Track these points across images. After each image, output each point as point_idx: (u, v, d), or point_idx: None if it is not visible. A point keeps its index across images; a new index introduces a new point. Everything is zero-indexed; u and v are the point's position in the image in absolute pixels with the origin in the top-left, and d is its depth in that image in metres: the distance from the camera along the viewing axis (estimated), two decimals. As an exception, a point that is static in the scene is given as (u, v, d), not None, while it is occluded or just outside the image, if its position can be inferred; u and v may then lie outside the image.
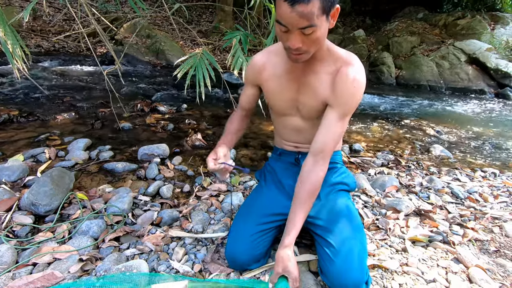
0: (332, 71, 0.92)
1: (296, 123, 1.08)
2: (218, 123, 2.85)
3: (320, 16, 0.74)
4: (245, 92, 1.14)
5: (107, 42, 2.40)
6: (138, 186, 1.66)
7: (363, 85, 0.91)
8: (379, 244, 1.25)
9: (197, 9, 8.63)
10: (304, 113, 1.04)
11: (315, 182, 0.94)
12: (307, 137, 1.09)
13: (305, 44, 0.79)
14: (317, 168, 0.95)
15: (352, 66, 0.90)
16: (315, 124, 1.03)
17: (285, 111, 1.07)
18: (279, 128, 1.18)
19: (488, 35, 6.30)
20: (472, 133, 3.21)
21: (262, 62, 1.03)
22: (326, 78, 0.93)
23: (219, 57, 6.32)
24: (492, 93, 5.44)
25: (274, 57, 1.02)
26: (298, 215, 0.93)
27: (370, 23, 9.16)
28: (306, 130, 1.08)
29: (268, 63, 1.03)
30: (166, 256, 1.12)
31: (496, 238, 1.34)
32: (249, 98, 1.14)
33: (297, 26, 0.75)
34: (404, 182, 1.89)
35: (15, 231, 1.22)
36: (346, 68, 0.90)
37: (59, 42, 5.92)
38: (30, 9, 1.54)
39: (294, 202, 0.95)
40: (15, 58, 1.55)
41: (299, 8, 0.71)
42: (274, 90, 1.04)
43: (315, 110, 1.00)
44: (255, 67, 1.05)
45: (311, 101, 0.99)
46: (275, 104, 1.08)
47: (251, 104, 1.16)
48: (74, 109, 2.84)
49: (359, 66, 0.91)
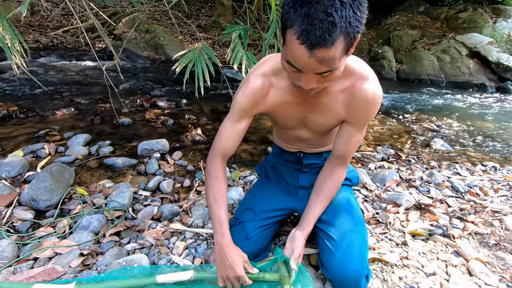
0: (346, 87, 0.82)
1: (302, 134, 1.02)
2: (218, 118, 2.84)
3: (342, 57, 0.63)
4: (234, 130, 0.90)
5: (105, 37, 2.38)
6: (138, 181, 1.66)
7: (381, 99, 0.84)
8: (379, 238, 1.25)
9: (196, 4, 8.55)
10: (314, 128, 0.98)
11: (336, 183, 0.97)
12: (312, 143, 1.08)
13: (320, 83, 0.69)
14: (339, 172, 0.97)
15: (368, 81, 0.80)
16: (323, 135, 1.03)
17: (292, 127, 1.00)
18: (282, 136, 1.12)
19: (489, 28, 6.25)
20: (473, 127, 3.20)
21: (263, 85, 0.86)
22: (340, 96, 0.84)
23: (218, 52, 6.28)
24: (493, 87, 5.41)
25: (274, 79, 0.87)
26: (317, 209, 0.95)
27: (371, 16, 9.08)
28: (312, 139, 1.05)
29: (270, 86, 0.87)
30: (166, 251, 1.12)
31: (496, 231, 1.34)
32: (238, 137, 0.92)
33: (315, 71, 0.64)
34: (404, 176, 1.89)
35: (15, 226, 1.23)
36: (362, 84, 0.80)
37: (57, 37, 5.87)
38: (28, 4, 1.53)
39: (316, 196, 0.97)
40: (13, 53, 1.53)
41: (319, 54, 0.59)
42: (281, 113, 0.93)
43: (326, 126, 0.95)
44: (256, 92, 0.86)
45: (323, 119, 0.92)
46: (279, 122, 0.99)
47: (236, 145, 0.94)
48: (73, 104, 2.83)
49: (375, 79, 0.81)
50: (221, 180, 0.91)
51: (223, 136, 0.91)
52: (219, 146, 0.92)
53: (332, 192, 0.98)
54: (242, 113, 0.89)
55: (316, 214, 0.95)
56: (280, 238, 1.21)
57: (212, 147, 0.94)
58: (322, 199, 0.96)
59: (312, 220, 0.95)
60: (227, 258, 0.83)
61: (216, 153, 0.92)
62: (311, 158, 1.11)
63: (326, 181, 0.98)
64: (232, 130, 0.90)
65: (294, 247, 0.91)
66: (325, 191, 0.97)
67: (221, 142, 0.92)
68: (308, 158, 1.11)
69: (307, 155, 1.11)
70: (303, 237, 0.93)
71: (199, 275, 0.89)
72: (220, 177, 0.91)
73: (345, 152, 0.93)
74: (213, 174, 0.91)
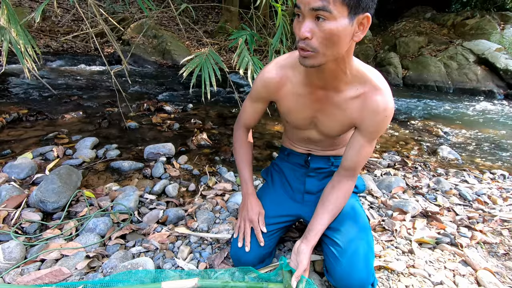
0: (359, 94, 0.85)
1: (312, 135, 1.04)
2: (224, 123, 2.85)
3: (339, 4, 0.65)
4: (253, 108, 1.04)
5: (114, 42, 2.42)
6: (144, 184, 1.68)
7: (392, 112, 0.85)
8: (385, 245, 1.24)
9: (203, 10, 8.67)
10: (323, 130, 0.99)
11: (344, 194, 0.97)
12: (321, 145, 1.08)
13: (315, 36, 0.69)
14: (348, 184, 0.97)
15: (381, 93, 0.83)
16: (333, 138, 1.03)
17: (302, 127, 1.02)
18: (291, 136, 1.13)
19: (497, 35, 6.20)
20: (481, 134, 3.16)
21: (279, 77, 0.92)
22: (352, 102, 0.86)
23: (224, 57, 6.34)
24: (501, 94, 5.35)
25: (292, 72, 0.91)
26: (324, 220, 0.95)
27: (377, 22, 9.09)
28: (322, 141, 1.05)
29: (286, 78, 0.92)
30: (171, 254, 1.13)
31: (505, 241, 1.32)
32: (257, 114, 1.06)
33: (309, 5, 0.66)
34: (410, 183, 1.87)
35: (23, 228, 1.24)
36: (375, 96, 0.83)
37: (67, 42, 5.99)
38: (41, 10, 1.57)
39: (323, 208, 0.97)
40: (25, 58, 1.57)
41: None
42: (293, 107, 0.96)
43: (335, 130, 0.96)
44: (271, 83, 0.93)
45: (333, 122, 0.94)
46: (291, 120, 1.01)
47: (257, 120, 1.08)
48: (81, 108, 2.87)
49: (388, 92, 0.84)
50: (245, 145, 1.09)
51: (244, 112, 1.08)
52: (241, 118, 1.09)
53: (340, 204, 0.97)
54: (258, 97, 1.01)
55: (322, 226, 0.95)
56: (285, 244, 1.21)
57: (237, 119, 1.12)
58: (329, 211, 0.96)
59: (319, 233, 0.94)
60: (248, 204, 1.05)
61: (239, 125, 1.11)
62: (319, 162, 1.11)
63: (333, 192, 0.97)
64: (251, 108, 1.05)
65: (299, 261, 0.90)
66: (333, 202, 0.96)
67: (243, 116, 1.08)
68: (316, 161, 1.11)
69: (315, 158, 1.11)
70: (309, 250, 0.92)
71: (203, 283, 0.89)
72: (244, 142, 1.09)
73: (354, 164, 0.94)
74: (237, 140, 1.10)
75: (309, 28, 0.68)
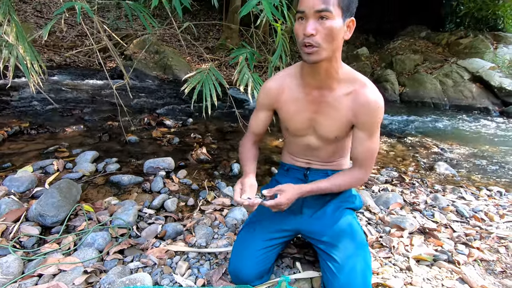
0: (351, 91, 0.96)
1: (311, 142, 1.10)
2: (223, 138, 2.88)
3: (337, 6, 0.81)
4: (258, 117, 1.14)
5: (117, 58, 2.48)
6: (143, 199, 1.68)
7: (383, 102, 0.96)
8: (383, 262, 1.24)
9: (205, 27, 8.89)
10: (321, 133, 1.05)
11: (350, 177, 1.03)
12: (320, 155, 1.12)
13: (319, 33, 0.83)
14: (357, 172, 1.04)
15: (370, 88, 0.95)
16: (330, 144, 1.07)
17: (301, 132, 1.09)
18: (291, 147, 1.19)
19: (491, 54, 6.36)
20: (477, 151, 3.20)
21: (278, 85, 1.05)
22: (345, 99, 0.97)
23: (225, 73, 6.45)
24: (497, 111, 5.44)
25: (289, 79, 1.04)
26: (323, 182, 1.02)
27: (374, 41, 9.33)
28: (320, 149, 1.10)
29: (284, 86, 1.04)
30: (169, 270, 1.12)
31: (502, 258, 1.32)
32: (263, 122, 1.14)
33: (314, 8, 0.81)
34: (408, 199, 1.88)
35: (22, 242, 1.24)
36: (364, 91, 0.95)
37: (70, 56, 6.11)
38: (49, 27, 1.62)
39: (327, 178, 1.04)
40: (31, 73, 1.61)
41: None
42: (292, 112, 1.05)
43: (333, 130, 1.03)
44: (271, 92, 1.06)
45: (330, 121, 1.01)
46: (291, 125, 1.09)
47: (263, 128, 1.17)
48: (82, 121, 2.91)
49: (375, 87, 0.97)
50: (248, 147, 1.16)
51: (251, 120, 1.18)
52: (250, 126, 1.19)
53: (343, 181, 1.03)
54: (261, 105, 1.12)
55: (316, 185, 1.00)
56: (283, 260, 1.21)
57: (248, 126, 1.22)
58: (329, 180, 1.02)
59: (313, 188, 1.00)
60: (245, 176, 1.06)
61: (247, 132, 1.20)
62: (317, 176, 1.14)
63: (340, 173, 1.06)
64: (256, 118, 1.15)
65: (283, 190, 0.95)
66: (335, 177, 1.04)
67: (250, 124, 1.18)
68: (314, 175, 1.14)
69: (314, 172, 1.14)
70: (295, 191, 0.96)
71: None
72: (248, 145, 1.17)
73: (359, 156, 1.02)
74: (242, 144, 1.18)
75: (314, 26, 0.83)
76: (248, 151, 1.15)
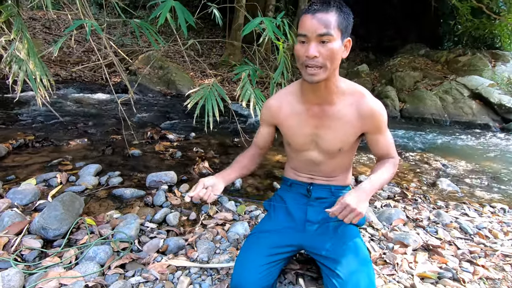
0: (352, 102, 1.02)
1: (313, 157, 1.11)
2: (225, 152, 2.90)
3: (336, 29, 0.87)
4: (261, 132, 1.20)
5: (122, 73, 2.54)
6: (145, 212, 1.68)
7: (383, 106, 1.04)
8: (386, 279, 1.22)
9: (208, 43, 9.09)
10: (323, 147, 1.08)
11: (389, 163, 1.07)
12: (323, 170, 1.13)
13: (322, 55, 0.88)
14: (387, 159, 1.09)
15: (369, 97, 1.02)
16: (333, 158, 1.09)
17: (303, 147, 1.11)
18: (294, 162, 1.20)
19: (489, 71, 6.46)
20: (480, 167, 3.20)
21: (278, 102, 1.10)
22: (347, 110, 1.02)
23: (227, 88, 6.55)
24: (497, 127, 5.46)
25: (290, 97, 1.08)
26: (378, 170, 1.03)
27: (374, 58, 9.49)
28: (323, 164, 1.12)
29: (284, 102, 1.09)
30: (171, 285, 1.11)
31: (508, 276, 1.30)
32: (265, 137, 1.19)
33: (316, 32, 0.86)
34: (411, 215, 1.87)
35: (23, 255, 1.24)
36: (364, 100, 1.01)
37: (76, 71, 6.24)
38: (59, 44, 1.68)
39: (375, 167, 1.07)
40: (39, 87, 1.66)
41: (319, 15, 0.86)
42: (293, 127, 1.09)
43: (336, 143, 1.05)
44: (271, 109, 1.12)
45: (333, 134, 1.04)
46: (293, 141, 1.12)
47: (266, 142, 1.21)
48: (86, 135, 2.94)
49: (371, 95, 1.04)
50: (242, 155, 1.21)
51: (256, 134, 1.23)
52: (254, 139, 1.24)
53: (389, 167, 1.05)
54: (263, 121, 1.18)
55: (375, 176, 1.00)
56: (286, 276, 1.20)
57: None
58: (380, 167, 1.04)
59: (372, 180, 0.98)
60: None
61: (252, 143, 1.25)
62: (321, 192, 1.15)
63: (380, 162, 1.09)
64: (260, 132, 1.21)
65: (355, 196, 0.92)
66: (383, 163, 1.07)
67: (255, 137, 1.23)
68: (317, 191, 1.14)
69: (317, 188, 1.15)
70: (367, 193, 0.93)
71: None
72: (244, 154, 1.21)
73: (380, 151, 1.10)
74: (242, 153, 1.22)
75: (316, 49, 0.88)
76: (240, 158, 1.20)
